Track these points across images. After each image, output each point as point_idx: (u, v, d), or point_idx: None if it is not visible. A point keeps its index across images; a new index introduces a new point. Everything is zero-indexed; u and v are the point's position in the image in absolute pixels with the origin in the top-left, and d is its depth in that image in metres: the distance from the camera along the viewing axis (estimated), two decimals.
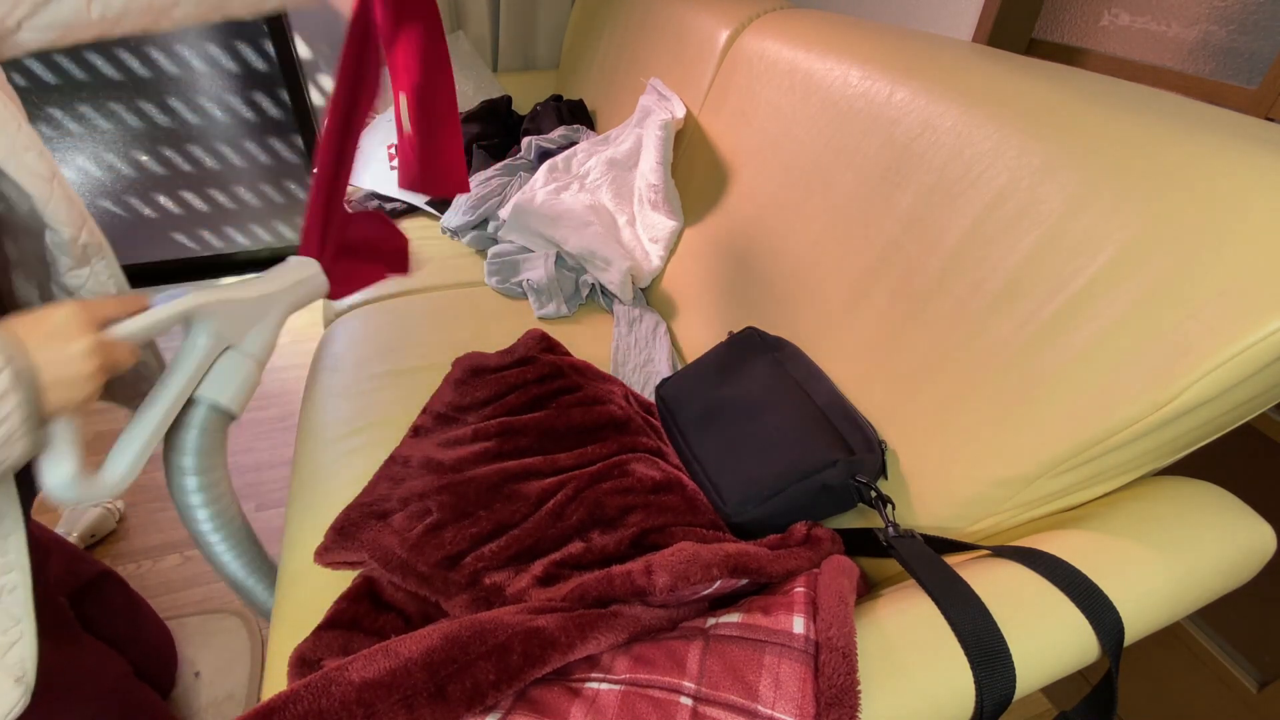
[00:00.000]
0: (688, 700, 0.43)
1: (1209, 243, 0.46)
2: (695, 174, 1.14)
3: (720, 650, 0.45)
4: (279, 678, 0.57)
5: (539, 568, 0.60)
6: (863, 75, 0.81)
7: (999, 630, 0.44)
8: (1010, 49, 0.90)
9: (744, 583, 0.54)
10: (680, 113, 1.15)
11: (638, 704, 0.43)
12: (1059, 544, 0.50)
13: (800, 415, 0.70)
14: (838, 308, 0.77)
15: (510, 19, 1.81)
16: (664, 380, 0.86)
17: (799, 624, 0.45)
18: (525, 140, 1.45)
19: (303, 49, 1.82)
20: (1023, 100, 0.63)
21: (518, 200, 1.26)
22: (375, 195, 1.51)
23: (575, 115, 1.56)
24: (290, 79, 1.84)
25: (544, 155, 1.41)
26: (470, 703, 0.42)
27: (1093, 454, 0.50)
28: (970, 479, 0.57)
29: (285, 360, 1.73)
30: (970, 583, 0.48)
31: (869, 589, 0.63)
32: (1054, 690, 1.03)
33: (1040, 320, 0.54)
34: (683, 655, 0.46)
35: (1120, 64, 0.92)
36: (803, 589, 0.49)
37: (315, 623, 0.59)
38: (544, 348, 0.88)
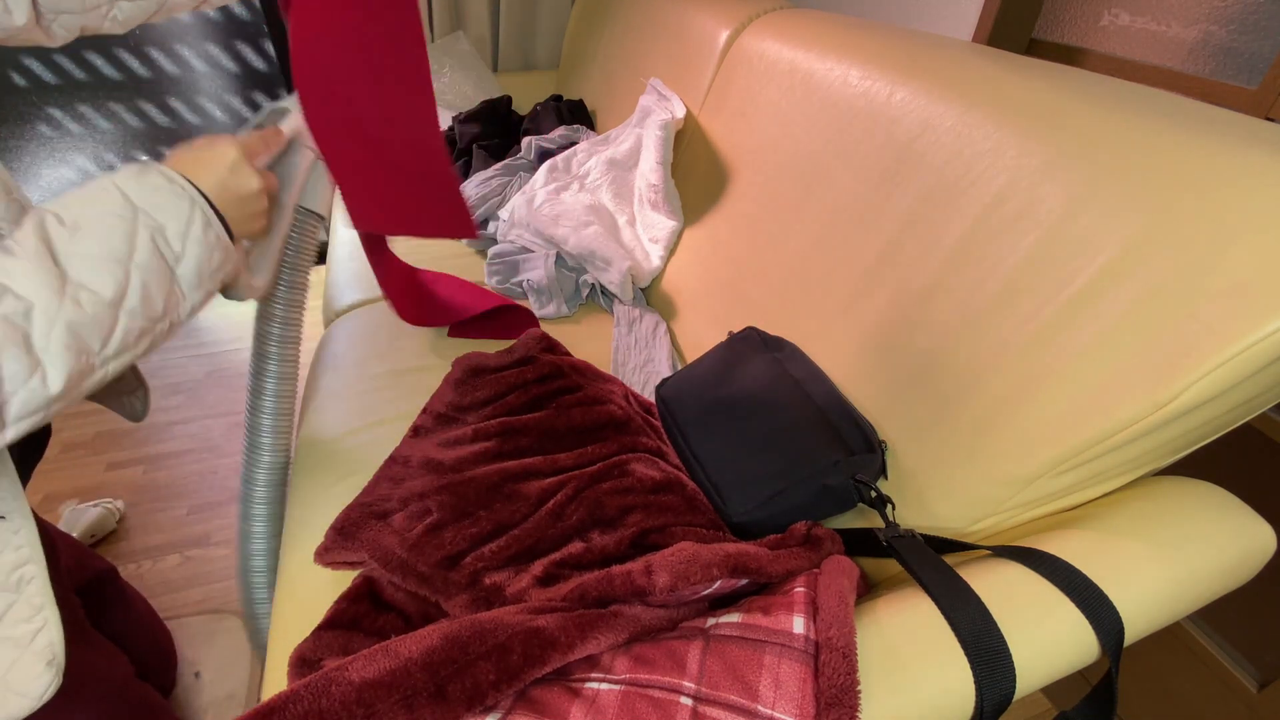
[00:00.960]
0: (688, 700, 0.43)
1: (1209, 243, 0.46)
2: (695, 174, 1.14)
3: (720, 650, 0.45)
4: (279, 678, 0.57)
5: (539, 568, 0.60)
6: (863, 75, 0.81)
7: (999, 630, 0.44)
8: (1010, 49, 0.90)
9: (744, 583, 0.54)
10: (680, 113, 1.15)
11: (638, 704, 0.43)
12: (1059, 544, 0.50)
13: (800, 415, 0.70)
14: (837, 308, 0.77)
15: (510, 19, 1.81)
16: (664, 380, 0.86)
17: (799, 624, 0.45)
18: (525, 140, 1.44)
19: None
20: (1022, 100, 0.63)
21: (518, 200, 1.26)
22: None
23: (575, 115, 1.56)
24: (290, 79, 1.83)
25: (544, 155, 1.41)
26: (470, 703, 0.43)
27: (1093, 453, 0.50)
28: (970, 479, 0.57)
29: None
30: (970, 583, 0.48)
31: (869, 589, 0.63)
32: (1054, 690, 1.03)
33: (1040, 320, 0.54)
34: (683, 655, 0.46)
35: (1120, 64, 0.92)
36: (803, 589, 0.49)
37: (315, 623, 0.59)
38: (544, 348, 0.88)
